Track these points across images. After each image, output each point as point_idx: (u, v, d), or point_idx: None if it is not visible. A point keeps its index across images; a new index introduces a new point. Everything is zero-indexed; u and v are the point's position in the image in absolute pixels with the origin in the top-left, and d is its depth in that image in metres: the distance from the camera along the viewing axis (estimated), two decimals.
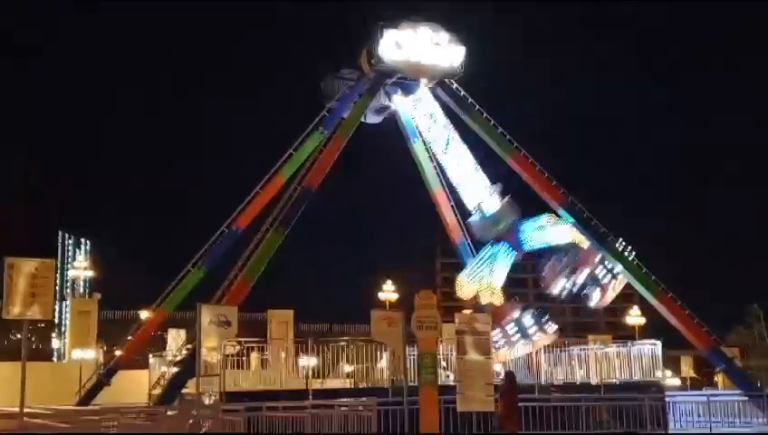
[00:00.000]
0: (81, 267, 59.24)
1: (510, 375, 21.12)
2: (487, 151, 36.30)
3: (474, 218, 35.29)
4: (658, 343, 30.09)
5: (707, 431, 25.13)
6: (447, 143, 35.87)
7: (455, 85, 36.08)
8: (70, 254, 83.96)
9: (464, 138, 36.33)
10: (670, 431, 25.75)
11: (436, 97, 36.55)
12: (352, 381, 27.58)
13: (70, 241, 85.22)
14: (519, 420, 20.05)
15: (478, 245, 37.53)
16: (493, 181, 35.06)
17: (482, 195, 34.80)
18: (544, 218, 33.95)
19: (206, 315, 18.19)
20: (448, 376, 26.08)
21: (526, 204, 35.42)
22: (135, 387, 32.44)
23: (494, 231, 34.40)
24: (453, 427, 20.59)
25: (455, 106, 36.11)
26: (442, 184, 38.77)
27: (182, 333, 37.01)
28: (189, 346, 28.69)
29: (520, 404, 20.46)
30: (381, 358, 26.62)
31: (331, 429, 18.48)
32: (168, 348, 35.92)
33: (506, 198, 34.32)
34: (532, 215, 34.33)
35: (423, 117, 36.64)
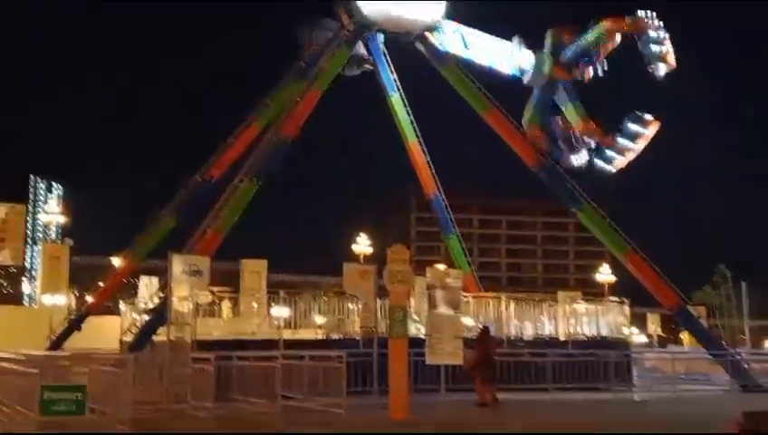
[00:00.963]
0: (52, 212, 58.78)
1: (485, 330, 21.44)
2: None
3: (526, 79, 35.40)
4: (626, 300, 30.54)
5: (670, 388, 25.63)
6: (463, 40, 35.68)
7: (435, 39, 35.75)
8: (42, 199, 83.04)
9: (441, 92, 36.29)
10: (633, 388, 26.27)
11: (415, 50, 36.31)
12: (324, 332, 27.76)
13: (41, 186, 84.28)
14: (491, 375, 20.27)
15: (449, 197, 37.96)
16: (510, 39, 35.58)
17: (514, 58, 35.08)
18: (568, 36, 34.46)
19: (178, 265, 18.16)
20: (419, 329, 26.33)
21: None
22: (106, 333, 32.50)
23: (544, 77, 34.64)
24: (422, 379, 20.89)
25: (434, 60, 35.86)
26: (417, 136, 38.73)
27: (154, 280, 36.94)
28: (161, 294, 28.71)
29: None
30: (353, 311, 26.78)
31: (301, 379, 18.64)
32: (139, 295, 35.86)
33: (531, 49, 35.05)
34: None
35: (427, 35, 35.94)
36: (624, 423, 17.25)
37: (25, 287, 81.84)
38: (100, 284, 40.48)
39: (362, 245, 50.54)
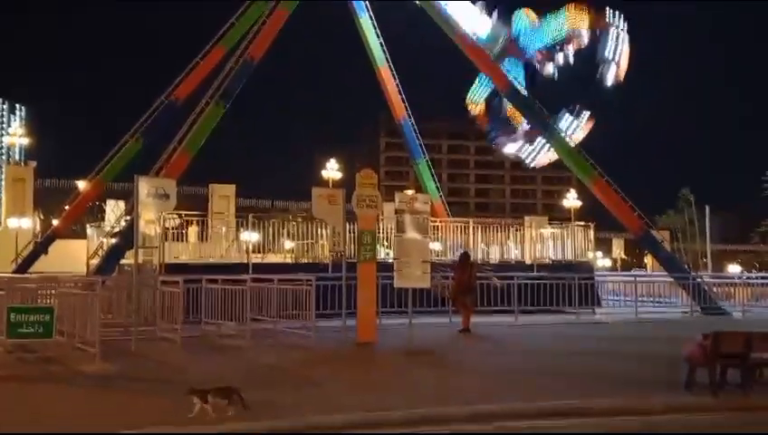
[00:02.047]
0: (15, 134, 57.65)
1: (464, 255, 21.70)
2: None
3: (480, 42, 35.58)
4: (591, 225, 30.91)
5: (632, 310, 26.20)
6: None
7: None
8: (4, 120, 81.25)
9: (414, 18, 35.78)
10: (598, 310, 26.80)
11: None
12: (293, 256, 27.84)
13: (4, 107, 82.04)
14: (471, 298, 20.64)
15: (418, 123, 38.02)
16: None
17: (474, 21, 34.90)
18: (534, 20, 34.67)
19: (144, 187, 17.92)
20: (388, 254, 26.51)
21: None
22: (73, 257, 32.28)
23: (497, 51, 34.70)
24: (389, 303, 21.15)
25: None
26: (387, 61, 38.30)
27: (120, 204, 36.67)
28: (128, 217, 28.49)
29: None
30: (322, 235, 26.84)
31: (270, 302, 18.75)
32: (106, 219, 35.60)
33: (494, 16, 34.73)
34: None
35: None
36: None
37: None
38: (66, 207, 40.02)
39: (331, 170, 50.41)
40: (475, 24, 35.16)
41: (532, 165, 36.32)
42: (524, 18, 34.94)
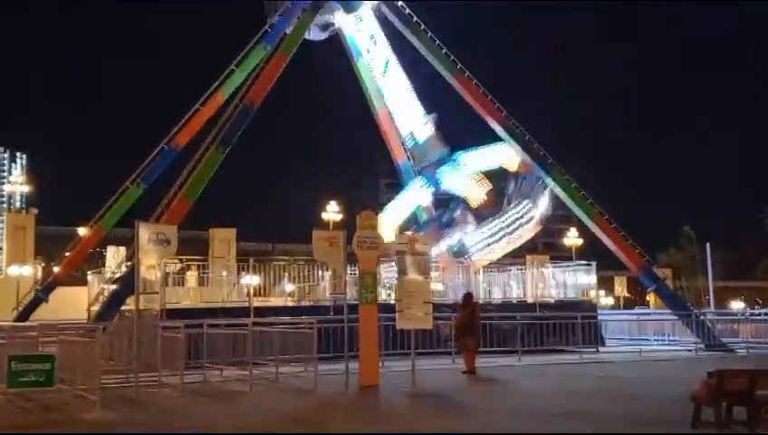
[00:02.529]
0: (16, 182, 57.88)
1: (467, 296, 21.59)
2: (432, 75, 36.06)
3: (407, 145, 35.67)
4: (593, 263, 30.89)
5: (636, 348, 26.05)
6: (386, 66, 35.67)
7: (400, 3, 35.47)
8: (5, 168, 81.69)
9: (408, 60, 36.07)
10: (602, 349, 26.65)
11: (381, 16, 36.03)
12: (295, 299, 27.79)
13: (5, 155, 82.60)
14: (475, 338, 20.44)
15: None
16: (428, 111, 35.13)
17: (416, 122, 34.97)
18: (461, 165, 34.29)
19: (145, 233, 17.91)
20: (389, 295, 26.46)
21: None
22: (73, 304, 32.16)
23: (423, 161, 34.85)
24: (392, 344, 21.04)
25: (400, 25, 35.59)
26: (386, 104, 38.52)
27: (121, 250, 36.66)
28: (128, 263, 28.46)
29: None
30: (323, 277, 26.82)
31: (272, 346, 18.67)
32: (106, 265, 35.56)
33: (435, 132, 34.65)
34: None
35: (364, 37, 36.22)
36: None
37: None
38: (67, 254, 40.02)
39: (331, 212, 50.52)
40: (417, 127, 35.21)
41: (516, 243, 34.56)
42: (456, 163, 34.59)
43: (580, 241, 56.96)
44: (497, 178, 35.26)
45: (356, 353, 17.79)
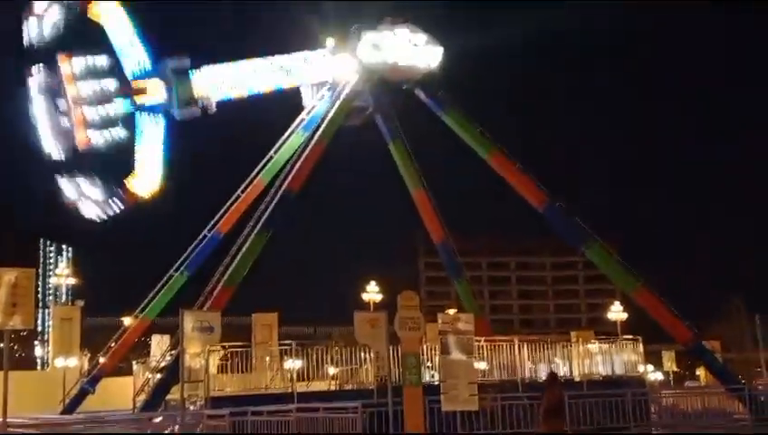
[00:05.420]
0: (62, 275, 58.91)
1: (551, 375, 20.91)
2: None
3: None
4: (639, 338, 30.32)
5: (688, 425, 25.35)
6: None
7: (433, 86, 36.15)
8: (51, 261, 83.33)
9: (443, 138, 36.62)
10: (653, 425, 25.97)
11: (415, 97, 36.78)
12: (337, 383, 27.62)
13: (51, 248, 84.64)
14: (562, 420, 19.69)
15: (456, 241, 38.24)
16: None
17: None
18: None
19: (189, 321, 18.17)
20: (433, 376, 26.18)
21: None
22: (119, 394, 32.35)
23: None
24: (438, 426, 20.73)
25: (434, 106, 36.21)
26: (422, 184, 38.91)
27: (166, 338, 36.92)
28: (173, 352, 28.64)
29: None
30: (366, 360, 26.68)
31: (315, 431, 18.54)
32: (151, 354, 35.80)
33: None
34: None
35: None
36: None
37: (38, 351, 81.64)
38: (112, 344, 40.41)
39: (371, 293, 50.48)
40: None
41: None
42: None
43: (624, 315, 56.00)
44: None
45: None
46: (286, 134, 35.82)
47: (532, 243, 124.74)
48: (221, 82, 34.97)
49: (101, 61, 33.89)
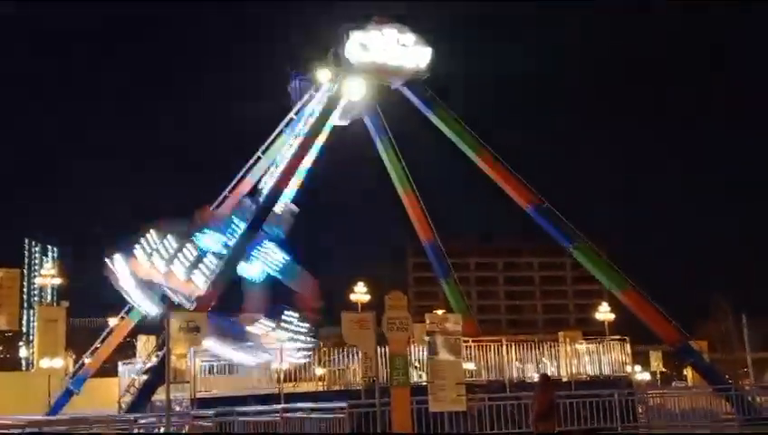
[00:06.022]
0: (47, 275, 58.52)
1: (544, 377, 20.61)
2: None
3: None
4: (627, 338, 30.38)
5: (675, 425, 25.41)
6: None
7: (422, 86, 36.09)
8: (36, 262, 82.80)
9: (431, 138, 36.56)
10: (640, 426, 26.01)
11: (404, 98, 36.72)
12: (325, 383, 27.53)
13: (36, 249, 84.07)
14: (553, 421, 19.41)
15: (444, 242, 38.17)
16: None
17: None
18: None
19: (175, 322, 18.02)
20: (421, 376, 26.12)
21: None
22: (105, 395, 32.15)
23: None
24: (425, 427, 20.67)
25: (422, 107, 36.15)
26: (410, 184, 38.86)
27: (152, 339, 36.74)
28: (159, 353, 28.45)
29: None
30: (353, 360, 26.60)
31: (302, 431, 18.44)
32: (137, 355, 35.60)
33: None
34: None
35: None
36: None
37: (23, 352, 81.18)
38: (98, 345, 40.15)
39: (359, 293, 50.46)
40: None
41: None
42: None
43: (611, 316, 56.18)
44: None
45: None
46: (274, 134, 35.64)
47: (519, 243, 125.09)
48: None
49: None
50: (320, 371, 28.06)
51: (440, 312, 27.39)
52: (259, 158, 35.21)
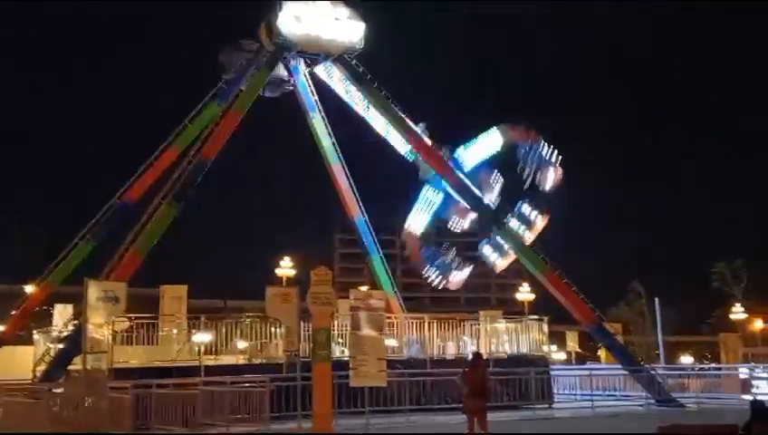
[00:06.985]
0: None
1: (476, 355, 20.29)
2: None
3: (408, 158, 36.73)
4: (545, 318, 31.08)
5: (588, 403, 26.17)
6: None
7: (354, 61, 35.99)
8: None
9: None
10: (554, 404, 26.72)
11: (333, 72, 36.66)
12: (247, 357, 27.41)
13: None
14: (484, 400, 19.09)
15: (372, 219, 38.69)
16: (416, 122, 36.01)
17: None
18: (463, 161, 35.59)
19: (94, 291, 17.69)
20: (343, 351, 26.24)
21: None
22: (19, 363, 31.34)
23: (429, 170, 36.12)
24: (346, 402, 20.82)
25: (353, 81, 36.10)
26: (340, 159, 38.83)
27: (69, 308, 35.85)
28: (76, 322, 27.87)
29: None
30: (276, 334, 26.53)
31: (223, 405, 18.36)
32: (54, 323, 34.75)
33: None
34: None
35: (339, 81, 36.66)
36: None
37: None
38: (13, 312, 39.07)
39: (285, 268, 50.16)
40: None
41: (443, 285, 37.69)
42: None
43: (532, 296, 57.26)
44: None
45: (309, 412, 17.58)
46: (201, 103, 35.07)
47: (445, 223, 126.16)
48: None
49: None
50: (242, 344, 27.89)
51: (365, 288, 27.55)
52: (186, 126, 34.67)
